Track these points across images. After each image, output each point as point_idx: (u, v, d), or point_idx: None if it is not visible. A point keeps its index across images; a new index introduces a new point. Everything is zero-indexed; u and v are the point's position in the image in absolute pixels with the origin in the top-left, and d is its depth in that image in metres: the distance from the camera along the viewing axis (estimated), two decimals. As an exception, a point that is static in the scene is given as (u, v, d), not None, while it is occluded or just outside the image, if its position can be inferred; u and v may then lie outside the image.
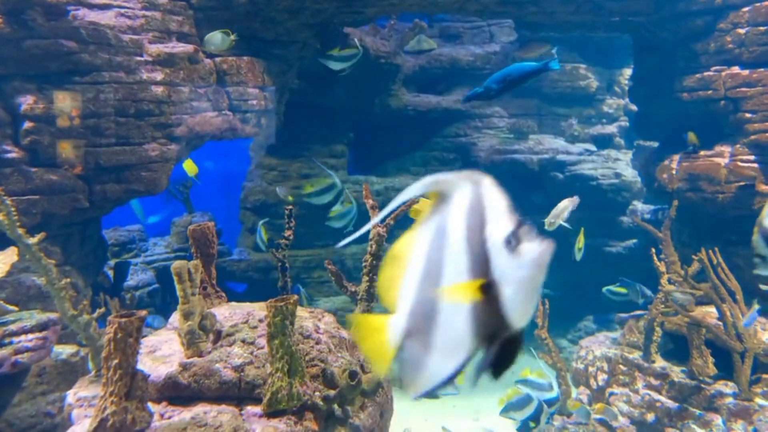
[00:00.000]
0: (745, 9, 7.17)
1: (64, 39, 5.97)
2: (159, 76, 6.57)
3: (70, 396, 3.65)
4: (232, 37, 6.76)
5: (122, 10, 6.61)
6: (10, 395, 5.04)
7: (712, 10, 7.43)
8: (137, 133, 6.47)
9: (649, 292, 7.24)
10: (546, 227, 6.82)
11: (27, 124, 5.87)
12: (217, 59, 7.22)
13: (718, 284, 6.24)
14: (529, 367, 6.79)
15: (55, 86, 6.01)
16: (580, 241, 7.69)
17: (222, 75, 7.23)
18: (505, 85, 5.20)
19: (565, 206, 6.84)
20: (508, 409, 6.48)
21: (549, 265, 1.40)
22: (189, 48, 6.83)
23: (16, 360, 4.82)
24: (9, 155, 5.83)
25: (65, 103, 6.01)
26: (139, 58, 6.52)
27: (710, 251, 6.36)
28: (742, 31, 7.19)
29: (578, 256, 7.70)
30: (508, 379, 9.74)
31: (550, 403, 6.37)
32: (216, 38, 6.71)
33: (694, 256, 6.53)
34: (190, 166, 9.01)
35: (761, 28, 7.03)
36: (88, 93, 6.13)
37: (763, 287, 6.10)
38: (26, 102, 5.86)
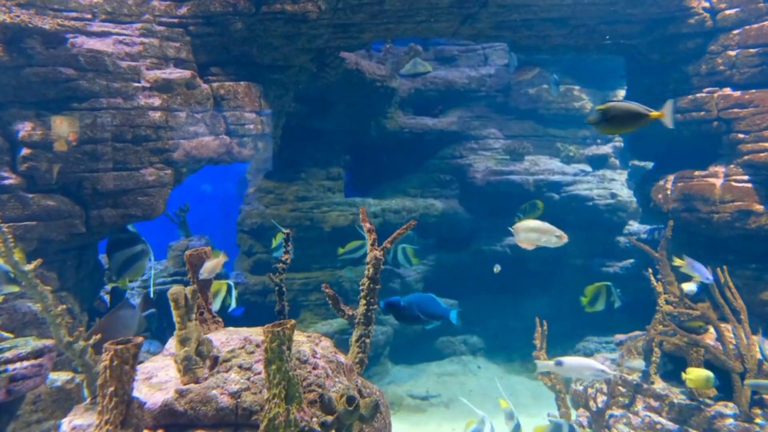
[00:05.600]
0: (736, 31, 7.29)
1: (63, 66, 6.02)
2: (156, 101, 6.62)
3: (65, 424, 3.60)
4: None
5: (120, 38, 6.68)
6: (5, 424, 4.98)
7: (702, 33, 7.54)
8: (134, 158, 6.49)
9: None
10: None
11: (25, 151, 5.89)
12: (215, 84, 7.29)
13: (722, 303, 6.23)
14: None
15: (53, 113, 6.04)
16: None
17: (219, 100, 7.29)
18: (412, 316, 4.66)
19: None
20: None
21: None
22: (186, 74, 6.89)
23: (11, 388, 4.77)
24: (6, 181, 5.84)
25: (63, 128, 6.04)
26: (136, 84, 6.57)
27: (718, 269, 6.36)
28: (732, 53, 7.30)
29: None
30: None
31: None
32: None
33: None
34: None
35: (751, 50, 7.14)
36: (85, 119, 6.17)
37: None
38: (24, 129, 5.88)
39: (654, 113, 4.42)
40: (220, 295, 7.24)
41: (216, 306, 7.83)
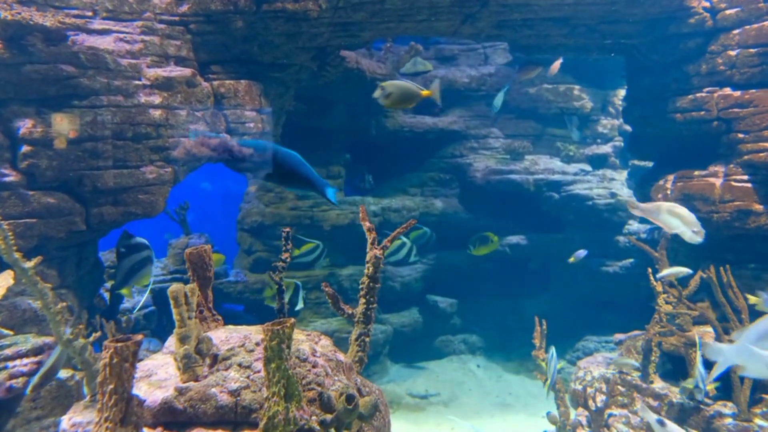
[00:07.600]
0: (736, 31, 7.28)
1: (64, 64, 6.02)
2: (157, 99, 6.62)
3: (65, 421, 3.61)
4: None
5: (121, 35, 6.67)
6: (4, 421, 4.99)
7: (702, 33, 7.54)
8: (135, 156, 6.50)
9: None
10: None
11: (25, 148, 5.90)
12: (215, 82, 7.29)
13: (723, 302, 6.23)
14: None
15: (53, 110, 6.04)
16: None
17: (219, 98, 7.29)
18: (274, 170, 3.80)
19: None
20: None
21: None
22: (187, 72, 6.89)
23: (11, 385, 4.78)
24: (7, 179, 5.84)
25: (63, 125, 6.04)
26: (137, 82, 6.57)
27: (721, 268, 6.36)
28: (733, 53, 7.29)
29: None
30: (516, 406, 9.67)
31: None
32: None
33: (701, 273, 6.55)
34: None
35: (751, 50, 7.13)
36: (86, 116, 6.17)
37: None
38: (25, 126, 5.89)
39: (425, 92, 4.99)
40: (288, 293, 7.17)
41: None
